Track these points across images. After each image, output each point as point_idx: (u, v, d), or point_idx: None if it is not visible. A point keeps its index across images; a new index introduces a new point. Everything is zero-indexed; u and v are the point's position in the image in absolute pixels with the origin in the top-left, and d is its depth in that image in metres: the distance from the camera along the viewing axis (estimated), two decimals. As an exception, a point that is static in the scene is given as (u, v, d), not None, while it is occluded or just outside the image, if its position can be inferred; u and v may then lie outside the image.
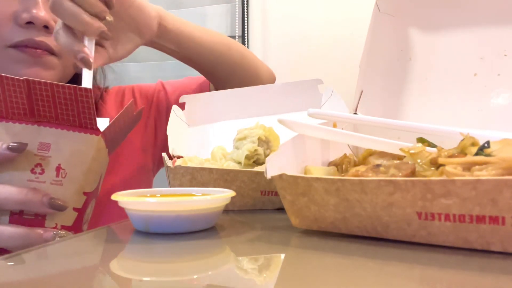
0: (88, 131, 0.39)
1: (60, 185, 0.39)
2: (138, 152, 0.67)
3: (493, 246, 0.25)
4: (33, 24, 0.50)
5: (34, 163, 0.38)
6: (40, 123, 0.38)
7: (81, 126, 0.39)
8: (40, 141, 0.38)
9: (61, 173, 0.39)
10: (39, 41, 0.50)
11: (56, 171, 0.39)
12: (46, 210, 0.38)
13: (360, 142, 0.39)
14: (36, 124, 0.38)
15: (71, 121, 0.39)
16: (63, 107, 0.38)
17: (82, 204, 0.41)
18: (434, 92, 0.48)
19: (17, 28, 0.50)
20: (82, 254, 0.30)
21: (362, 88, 0.47)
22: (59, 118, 0.39)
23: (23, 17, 0.49)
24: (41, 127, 0.38)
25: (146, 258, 0.28)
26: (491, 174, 0.25)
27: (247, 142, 0.47)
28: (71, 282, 0.23)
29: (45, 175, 0.38)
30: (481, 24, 0.46)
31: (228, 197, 0.34)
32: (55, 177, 0.38)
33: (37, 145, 0.38)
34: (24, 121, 0.38)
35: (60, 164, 0.39)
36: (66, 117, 0.39)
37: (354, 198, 0.28)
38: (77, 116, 0.39)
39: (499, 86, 0.44)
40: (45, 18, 0.50)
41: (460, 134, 0.33)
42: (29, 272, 0.25)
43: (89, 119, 0.39)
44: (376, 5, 0.47)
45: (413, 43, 0.49)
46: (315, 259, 0.26)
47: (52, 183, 0.38)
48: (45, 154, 0.38)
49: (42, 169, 0.38)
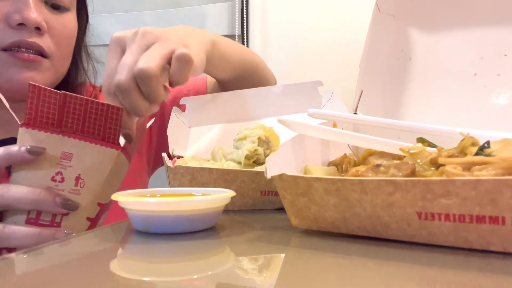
0: (109, 145, 0.41)
1: (78, 194, 0.40)
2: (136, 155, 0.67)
3: (493, 246, 0.25)
4: (24, 26, 0.50)
5: (56, 171, 0.39)
6: (64, 133, 0.40)
7: (103, 139, 0.40)
8: (63, 151, 0.39)
9: (80, 183, 0.40)
10: (32, 42, 0.50)
11: (75, 180, 0.40)
12: (59, 210, 0.39)
13: (360, 142, 0.39)
14: (60, 134, 0.40)
15: (95, 134, 0.40)
16: (92, 121, 0.40)
17: (95, 215, 0.42)
18: (434, 92, 0.48)
19: (9, 30, 0.49)
20: (82, 254, 0.30)
21: (362, 88, 0.47)
22: (84, 131, 0.40)
23: (14, 19, 0.49)
24: (65, 137, 0.40)
25: (146, 258, 0.28)
26: (491, 174, 0.25)
27: (247, 142, 0.47)
28: (71, 282, 0.23)
29: (65, 184, 0.39)
30: (481, 24, 0.46)
31: (228, 197, 0.34)
32: (74, 186, 0.40)
33: (60, 154, 0.39)
34: (49, 130, 0.39)
35: (80, 174, 0.40)
36: (92, 130, 0.40)
37: (354, 198, 0.28)
38: (102, 130, 0.40)
39: (499, 86, 0.44)
40: (36, 20, 0.50)
41: (460, 134, 0.33)
42: (29, 272, 0.25)
43: (113, 134, 0.41)
44: (376, 5, 0.47)
45: (413, 43, 0.49)
46: (315, 259, 0.26)
47: (70, 191, 0.39)
48: (67, 163, 0.40)
49: (62, 177, 0.39)
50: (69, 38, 0.57)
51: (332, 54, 1.20)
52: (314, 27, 1.20)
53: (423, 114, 0.47)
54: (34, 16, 0.49)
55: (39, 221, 0.39)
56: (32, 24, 0.50)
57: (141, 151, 0.68)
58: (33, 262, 0.28)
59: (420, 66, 0.49)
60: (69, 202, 0.39)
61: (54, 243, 0.32)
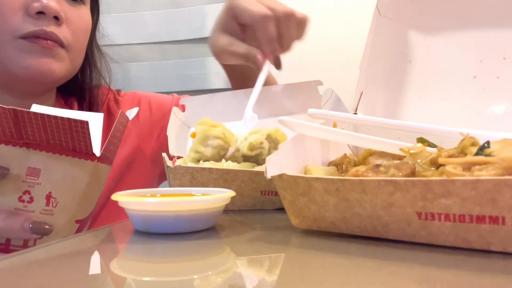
0: (82, 156, 0.36)
1: (51, 215, 0.35)
2: (148, 162, 0.68)
3: (493, 246, 0.25)
4: (43, 15, 0.49)
5: (22, 190, 0.34)
6: (29, 145, 0.34)
7: (74, 150, 0.35)
8: (28, 166, 0.34)
9: (52, 202, 0.35)
10: (50, 32, 0.50)
11: (46, 199, 0.35)
12: (29, 236, 0.35)
13: (360, 142, 0.39)
14: (24, 146, 0.34)
15: (64, 145, 0.35)
16: (55, 134, 0.35)
17: (73, 233, 0.38)
18: (434, 95, 0.48)
19: (28, 19, 0.49)
20: (82, 254, 0.30)
21: (362, 89, 0.47)
22: (50, 142, 0.35)
23: (33, 7, 0.49)
24: (30, 149, 0.34)
25: (146, 258, 0.28)
26: (491, 174, 0.25)
27: (256, 135, 0.47)
28: (71, 282, 0.23)
29: (34, 204, 0.35)
30: (481, 27, 0.46)
31: (228, 197, 0.34)
32: (45, 206, 0.35)
33: (25, 170, 0.34)
34: (10, 143, 0.34)
35: (51, 192, 0.35)
36: (59, 141, 0.35)
37: (354, 198, 0.28)
38: (71, 141, 0.35)
39: (498, 89, 0.45)
40: (56, 8, 0.50)
41: (460, 134, 0.33)
42: (29, 272, 0.25)
43: (84, 146, 0.35)
44: (377, 8, 0.47)
45: (413, 46, 0.49)
46: (315, 259, 0.26)
47: (42, 212, 0.35)
48: (34, 180, 0.35)
49: (31, 197, 0.35)
50: (85, 31, 0.57)
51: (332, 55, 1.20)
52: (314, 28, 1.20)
53: (423, 117, 0.48)
54: (53, 5, 0.50)
55: (10, 247, 0.35)
56: (51, 12, 0.50)
57: (155, 160, 0.68)
58: (32, 262, 0.28)
59: (420, 69, 0.49)
60: (40, 226, 0.35)
61: (54, 243, 0.32)
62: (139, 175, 0.65)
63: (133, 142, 0.66)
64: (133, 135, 0.67)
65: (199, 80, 1.23)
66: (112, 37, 1.14)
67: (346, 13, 1.17)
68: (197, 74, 0.68)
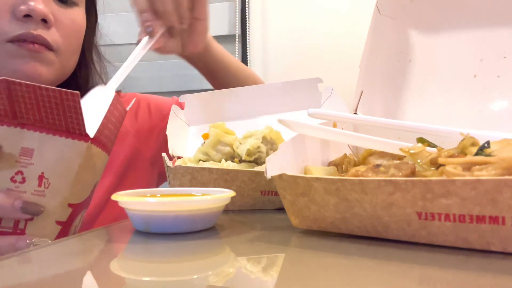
0: (76, 137, 0.35)
1: (43, 196, 0.35)
2: (147, 165, 0.67)
3: (493, 246, 0.25)
4: (31, 18, 0.49)
5: (15, 170, 0.34)
6: (23, 125, 0.34)
7: (68, 130, 0.35)
8: (22, 146, 0.34)
9: (44, 182, 0.35)
10: (37, 35, 0.50)
11: (39, 180, 0.35)
12: (20, 215, 0.35)
13: (360, 142, 0.39)
14: (19, 126, 0.34)
15: (57, 124, 0.35)
16: (48, 110, 0.34)
17: (67, 217, 0.38)
18: (434, 94, 0.48)
19: (15, 22, 0.49)
20: (82, 254, 0.30)
21: (362, 88, 0.47)
22: (44, 121, 0.34)
23: (20, 10, 0.48)
24: (25, 130, 0.34)
25: (146, 258, 0.28)
26: (491, 174, 0.25)
27: (252, 139, 0.47)
28: (71, 282, 0.23)
29: (26, 185, 0.35)
30: (481, 26, 0.46)
31: (228, 197, 0.34)
32: (37, 187, 0.35)
33: (19, 151, 0.34)
34: (5, 123, 0.34)
35: (43, 173, 0.35)
36: (52, 120, 0.35)
37: (354, 198, 0.28)
38: (64, 120, 0.35)
39: (499, 88, 0.45)
40: (43, 12, 0.49)
41: (460, 134, 0.33)
42: (28, 272, 0.25)
43: (77, 124, 0.35)
44: (377, 7, 0.47)
45: (413, 45, 0.49)
46: (315, 259, 0.26)
47: (33, 193, 0.35)
48: (27, 160, 0.35)
49: (23, 177, 0.35)
50: (77, 33, 0.56)
51: (332, 54, 1.20)
52: (314, 28, 1.20)
53: (423, 116, 0.48)
54: (41, 8, 0.49)
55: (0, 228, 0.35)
56: (38, 16, 0.49)
57: (154, 162, 0.68)
58: (32, 262, 0.28)
59: (420, 68, 0.49)
60: (31, 205, 0.35)
61: (54, 243, 0.32)
62: (138, 176, 0.65)
63: (131, 143, 0.66)
64: (132, 136, 0.66)
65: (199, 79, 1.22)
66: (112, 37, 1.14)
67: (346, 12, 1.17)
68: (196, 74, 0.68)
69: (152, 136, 0.69)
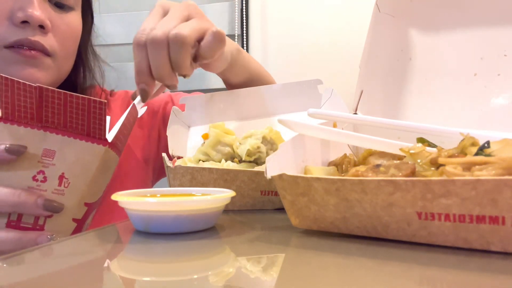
0: (95, 141, 0.38)
1: (62, 195, 0.38)
2: (140, 163, 0.67)
3: (493, 246, 0.25)
4: (28, 24, 0.49)
5: (37, 169, 0.37)
6: (46, 128, 0.37)
7: (88, 135, 0.38)
8: (45, 148, 0.37)
9: (64, 182, 0.38)
10: (34, 41, 0.50)
11: (59, 180, 0.37)
12: (41, 212, 0.37)
13: (360, 142, 0.39)
14: (42, 129, 0.37)
15: (79, 129, 0.38)
16: (73, 116, 0.37)
17: (82, 215, 0.40)
18: (434, 92, 0.48)
19: (12, 28, 0.49)
20: (82, 254, 0.30)
21: (362, 88, 0.47)
22: (67, 126, 0.37)
23: (18, 16, 0.48)
24: (47, 132, 0.37)
25: (146, 258, 0.28)
26: (491, 174, 0.25)
27: (252, 139, 0.47)
28: (71, 282, 0.23)
29: (47, 184, 0.37)
30: (481, 24, 0.46)
31: (228, 197, 0.34)
32: (57, 186, 0.37)
33: (41, 152, 0.37)
34: (29, 125, 0.37)
35: (64, 173, 0.37)
36: (75, 125, 0.37)
37: (354, 198, 0.28)
38: (86, 125, 0.38)
39: (499, 86, 0.44)
40: (40, 18, 0.49)
41: (460, 134, 0.33)
42: (29, 272, 0.25)
43: (98, 129, 0.38)
44: (376, 5, 0.47)
45: (413, 43, 0.49)
46: (315, 259, 0.26)
47: (53, 192, 0.37)
48: (49, 161, 0.37)
49: (45, 176, 0.37)
50: (73, 38, 0.57)
51: (332, 54, 1.20)
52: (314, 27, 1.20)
53: (423, 114, 0.47)
54: (38, 14, 0.49)
55: (21, 224, 0.37)
56: (35, 22, 0.49)
57: (147, 160, 0.68)
58: (33, 262, 0.28)
59: (420, 66, 0.49)
60: (52, 203, 0.37)
61: (54, 243, 0.32)
62: (132, 175, 0.65)
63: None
64: None
65: (198, 79, 1.23)
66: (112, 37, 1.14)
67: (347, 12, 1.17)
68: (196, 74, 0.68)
69: (144, 133, 0.68)
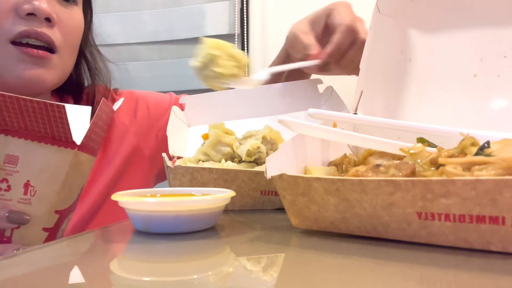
0: (62, 144, 0.35)
1: (29, 204, 0.35)
2: (146, 162, 0.67)
3: (493, 246, 0.25)
4: (34, 16, 0.48)
5: (0, 177, 0.34)
6: (8, 132, 0.34)
7: (54, 138, 0.35)
8: (7, 153, 0.34)
9: (30, 190, 0.35)
10: (41, 32, 0.49)
11: (24, 188, 0.35)
12: (5, 224, 0.34)
13: (360, 142, 0.39)
14: (3, 133, 0.34)
15: (43, 132, 0.35)
16: (33, 119, 0.34)
17: (54, 223, 0.37)
18: (434, 93, 0.48)
19: (18, 20, 0.48)
20: (82, 254, 0.30)
21: (362, 88, 0.47)
22: (29, 128, 0.34)
23: (24, 8, 0.48)
24: (9, 137, 0.34)
25: (146, 258, 0.28)
26: (491, 174, 0.25)
27: (252, 140, 0.47)
28: (71, 282, 0.23)
29: (12, 193, 0.34)
30: (481, 25, 0.46)
31: (228, 197, 0.34)
32: (23, 195, 0.35)
33: (3, 158, 0.34)
34: None
35: (29, 181, 0.35)
36: (37, 128, 0.34)
37: (354, 198, 0.28)
38: (49, 128, 0.35)
39: (499, 87, 0.44)
40: (47, 10, 0.49)
41: (460, 134, 0.33)
42: (29, 272, 0.25)
43: (63, 132, 0.35)
44: (376, 6, 0.47)
45: (413, 44, 0.49)
46: (315, 259, 0.26)
47: (19, 201, 0.35)
48: (12, 168, 0.34)
49: (8, 185, 0.34)
50: (77, 32, 0.56)
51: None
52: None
53: (423, 115, 0.48)
54: (45, 6, 0.48)
55: None
56: (42, 14, 0.48)
57: (153, 160, 0.68)
58: (33, 262, 0.28)
59: (420, 67, 0.49)
60: (16, 215, 0.34)
61: (54, 243, 0.32)
62: (137, 175, 0.65)
63: (131, 141, 0.66)
64: (131, 134, 0.66)
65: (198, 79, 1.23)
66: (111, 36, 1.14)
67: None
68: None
69: (151, 134, 0.69)
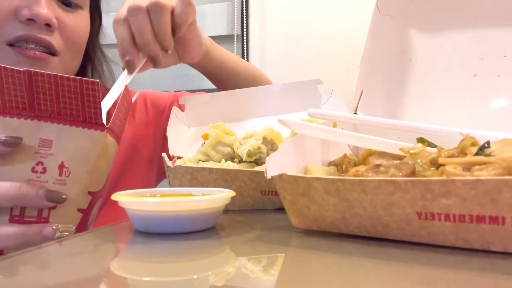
0: (92, 127, 0.37)
1: (64, 184, 0.37)
2: (145, 162, 0.67)
3: (493, 246, 0.25)
4: (34, 22, 0.48)
5: (35, 161, 0.36)
6: (40, 117, 0.36)
7: (85, 121, 0.37)
8: (40, 138, 0.36)
9: (65, 171, 0.37)
10: (40, 37, 0.49)
11: (59, 169, 0.36)
12: (44, 203, 0.36)
13: (360, 142, 0.39)
14: (36, 119, 0.36)
15: (75, 115, 0.36)
16: (67, 101, 0.36)
17: (87, 205, 0.39)
18: (434, 93, 0.48)
19: (17, 24, 0.48)
20: (82, 254, 0.30)
21: (362, 88, 0.47)
22: (61, 113, 0.36)
23: (24, 14, 0.47)
24: (42, 122, 0.36)
25: (146, 258, 0.28)
26: (491, 174, 0.25)
27: (252, 140, 0.47)
28: (71, 282, 0.23)
29: (47, 174, 0.36)
30: (481, 25, 0.46)
31: (228, 197, 0.34)
32: (58, 176, 0.36)
33: (37, 142, 0.36)
34: (23, 116, 0.36)
35: (63, 162, 0.36)
36: (70, 111, 0.36)
37: (354, 198, 0.28)
38: (81, 111, 0.36)
39: (499, 87, 0.44)
40: (47, 16, 0.48)
41: (460, 134, 0.33)
42: (29, 272, 0.25)
43: (94, 114, 0.37)
44: (377, 6, 0.47)
45: (413, 44, 0.49)
46: (315, 259, 0.26)
47: (55, 182, 0.36)
48: (46, 151, 0.36)
49: (44, 167, 0.36)
50: (80, 37, 0.56)
51: (332, 54, 1.20)
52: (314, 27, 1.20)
53: (423, 115, 0.48)
54: (45, 12, 0.48)
55: (24, 218, 0.36)
56: (42, 20, 0.48)
57: (153, 160, 0.68)
58: (33, 262, 0.28)
59: (420, 67, 0.49)
60: (54, 193, 0.36)
61: (54, 243, 0.32)
62: (137, 175, 0.65)
63: (130, 142, 0.66)
64: (130, 134, 0.66)
65: (198, 79, 1.23)
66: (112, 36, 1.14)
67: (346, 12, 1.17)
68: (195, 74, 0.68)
69: (149, 134, 0.68)
